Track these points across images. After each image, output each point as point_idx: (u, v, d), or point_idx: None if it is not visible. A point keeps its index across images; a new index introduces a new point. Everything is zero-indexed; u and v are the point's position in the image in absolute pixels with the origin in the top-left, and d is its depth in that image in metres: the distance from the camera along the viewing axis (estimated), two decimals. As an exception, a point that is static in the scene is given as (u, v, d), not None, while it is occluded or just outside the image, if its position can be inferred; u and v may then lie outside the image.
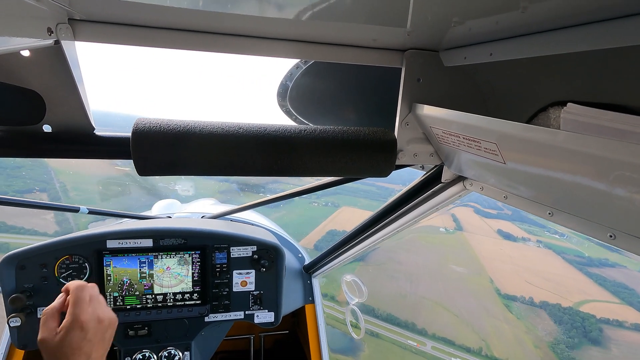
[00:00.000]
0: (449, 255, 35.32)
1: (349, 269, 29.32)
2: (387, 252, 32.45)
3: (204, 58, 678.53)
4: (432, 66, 0.87)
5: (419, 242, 35.01)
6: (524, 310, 28.20)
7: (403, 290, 28.70)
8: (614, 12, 0.46)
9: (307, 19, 0.68)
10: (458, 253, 36.07)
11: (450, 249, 36.22)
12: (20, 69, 0.76)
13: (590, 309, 28.02)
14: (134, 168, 0.80)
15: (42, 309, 1.47)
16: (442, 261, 34.45)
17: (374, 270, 30.28)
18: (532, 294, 29.19)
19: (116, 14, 0.71)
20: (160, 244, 1.59)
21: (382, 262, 31.43)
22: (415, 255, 33.57)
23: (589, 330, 26.20)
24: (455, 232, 38.55)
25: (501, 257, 35.72)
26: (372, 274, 29.91)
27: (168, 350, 1.65)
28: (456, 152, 0.86)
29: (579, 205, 0.66)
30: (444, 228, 37.92)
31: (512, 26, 0.60)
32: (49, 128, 0.85)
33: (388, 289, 28.58)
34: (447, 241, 37.42)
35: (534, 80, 0.74)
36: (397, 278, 29.80)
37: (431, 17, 0.64)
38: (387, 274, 30.24)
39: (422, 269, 31.97)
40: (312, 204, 39.69)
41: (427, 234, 36.50)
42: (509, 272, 33.21)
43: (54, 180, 30.76)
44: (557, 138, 0.53)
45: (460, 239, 37.90)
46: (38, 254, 1.46)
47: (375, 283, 28.82)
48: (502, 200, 0.88)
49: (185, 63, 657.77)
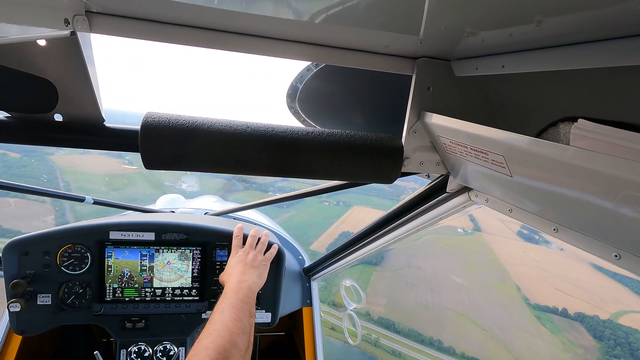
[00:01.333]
0: (470, 260, 31.83)
1: (366, 274, 24.88)
2: (404, 256, 29.44)
3: (215, 56, 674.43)
4: (443, 75, 0.87)
5: (437, 245, 32.07)
6: (558, 323, 24.63)
7: (424, 300, 25.49)
8: (630, 29, 0.46)
9: (320, 22, 0.68)
10: (479, 257, 32.51)
11: (471, 253, 33.18)
12: (35, 58, 0.77)
13: (631, 321, 24.46)
14: (141, 165, 0.81)
15: (42, 295, 1.49)
16: (464, 266, 31.01)
17: (391, 277, 27.63)
18: (564, 304, 25.62)
19: (132, 8, 0.72)
20: (162, 238, 1.59)
21: (400, 267, 28.55)
22: (434, 259, 30.50)
23: (635, 347, 22.20)
24: (474, 234, 35.43)
25: (524, 261, 31.86)
26: (390, 280, 27.33)
27: (164, 344, 1.65)
28: (463, 162, 0.86)
29: (584, 223, 0.66)
30: (461, 229, 34.74)
31: (525, 39, 0.60)
32: (60, 117, 0.86)
33: (408, 299, 25.81)
34: (467, 243, 34.22)
35: (545, 94, 0.74)
36: (416, 286, 26.79)
37: (444, 27, 0.64)
38: (405, 280, 27.41)
39: (443, 275, 28.94)
40: (323, 203, 37.62)
41: (445, 235, 33.45)
42: (535, 278, 29.67)
43: (58, 180, 30.29)
44: (566, 154, 0.53)
45: (480, 241, 34.84)
46: (42, 241, 1.48)
47: (394, 291, 26.48)
48: (506, 213, 0.87)
49: (196, 60, 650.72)
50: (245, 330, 1.01)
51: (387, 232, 1.46)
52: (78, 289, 1.53)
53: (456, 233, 33.85)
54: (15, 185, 1.69)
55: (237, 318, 1.03)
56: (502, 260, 31.32)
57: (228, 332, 0.96)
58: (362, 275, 25.24)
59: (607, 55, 0.50)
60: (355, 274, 23.82)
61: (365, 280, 25.05)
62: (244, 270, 1.29)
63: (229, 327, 0.98)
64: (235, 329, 0.98)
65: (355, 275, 23.75)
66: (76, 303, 1.53)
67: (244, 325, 1.02)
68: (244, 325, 1.02)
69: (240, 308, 1.07)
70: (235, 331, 0.98)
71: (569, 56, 0.56)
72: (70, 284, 1.52)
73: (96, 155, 33.95)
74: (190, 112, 0.88)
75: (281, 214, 30.82)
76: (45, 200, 23.82)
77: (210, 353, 0.88)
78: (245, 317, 1.06)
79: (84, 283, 1.54)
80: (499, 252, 32.51)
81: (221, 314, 1.04)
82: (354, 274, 23.68)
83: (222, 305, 1.08)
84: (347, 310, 2.24)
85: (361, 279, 24.72)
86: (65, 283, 1.52)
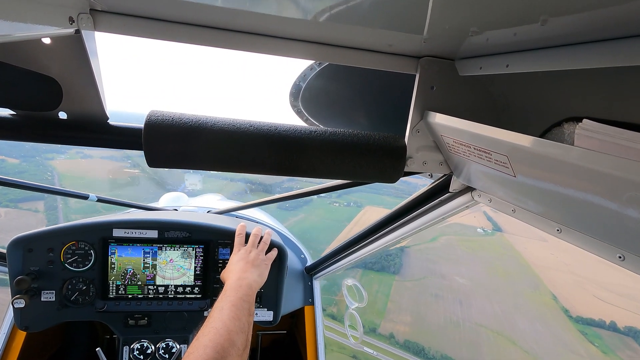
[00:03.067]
0: (497, 265, 27.99)
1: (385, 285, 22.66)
2: (425, 262, 25.90)
3: (218, 54, 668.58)
4: (446, 74, 0.87)
5: (459, 248, 28.88)
6: (608, 339, 20.53)
7: (454, 315, 21.75)
8: (636, 29, 0.46)
9: (324, 20, 0.68)
10: (506, 261, 28.55)
11: (495, 256, 29.51)
12: (40, 56, 0.78)
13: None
14: (144, 168, 0.81)
15: (46, 292, 1.50)
16: (491, 272, 27.19)
17: (413, 288, 23.98)
18: (610, 316, 21.73)
19: (136, 7, 0.72)
20: (165, 235, 1.60)
21: (422, 275, 25.00)
22: (458, 265, 27.06)
23: None
24: (495, 234, 31.55)
25: (556, 265, 27.61)
26: (413, 292, 23.64)
27: (166, 341, 1.66)
28: (466, 162, 0.85)
29: (588, 223, 0.65)
30: (481, 229, 30.95)
31: (530, 39, 0.59)
32: (64, 115, 0.87)
33: (435, 315, 22.09)
34: (489, 245, 30.52)
35: (549, 94, 0.73)
36: (442, 297, 23.10)
37: (449, 26, 0.64)
38: (429, 291, 23.74)
39: (470, 284, 25.25)
40: (333, 204, 34.75)
41: (465, 236, 30.27)
42: (571, 285, 25.60)
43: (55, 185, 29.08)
44: (570, 154, 0.52)
45: (503, 242, 31.03)
46: (46, 238, 1.49)
47: (419, 306, 22.74)
48: (510, 214, 0.87)
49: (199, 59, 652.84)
50: (244, 329, 1.01)
51: (389, 232, 1.46)
52: (81, 285, 1.54)
53: (476, 233, 30.53)
54: (20, 182, 1.70)
55: (236, 316, 1.03)
56: (531, 265, 27.35)
57: (226, 330, 0.96)
58: (382, 287, 22.84)
59: (613, 55, 0.49)
60: (374, 285, 22.18)
61: (385, 292, 22.60)
62: (244, 269, 1.29)
63: (227, 325, 0.98)
64: (234, 328, 0.98)
65: (374, 286, 22.00)
66: (80, 300, 1.54)
67: (242, 323, 1.02)
68: (243, 324, 1.02)
69: (240, 306, 1.07)
70: (234, 330, 0.98)
71: (574, 56, 0.55)
72: (74, 281, 1.53)
73: (98, 159, 32.81)
74: (193, 110, 0.88)
75: (289, 218, 28.92)
76: (38, 210, 22.59)
77: (208, 352, 0.88)
78: (244, 315, 1.05)
79: (87, 280, 1.55)
80: (526, 255, 28.41)
81: (220, 311, 1.04)
82: (373, 285, 22.06)
83: (221, 303, 1.08)
84: (348, 309, 2.25)
85: (381, 291, 22.43)
86: (69, 280, 1.53)
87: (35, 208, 22.90)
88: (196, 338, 0.95)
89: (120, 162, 33.40)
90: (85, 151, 34.13)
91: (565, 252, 27.40)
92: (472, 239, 30.04)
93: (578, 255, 26.03)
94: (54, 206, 23.96)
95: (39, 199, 23.91)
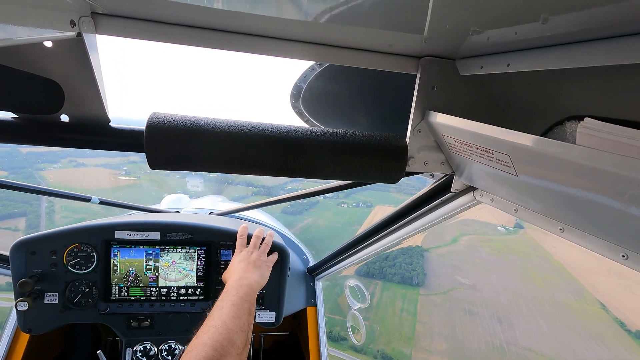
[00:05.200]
0: (529, 269, 24.06)
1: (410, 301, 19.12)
2: (450, 270, 22.46)
3: (219, 56, 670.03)
4: (447, 74, 0.87)
5: (483, 250, 25.12)
6: None
7: (495, 338, 18.00)
8: (637, 27, 0.45)
9: (324, 21, 0.68)
10: (538, 264, 24.65)
11: (525, 258, 25.37)
12: (42, 59, 0.78)
13: None
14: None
15: (49, 294, 1.50)
16: (525, 278, 23.22)
17: (443, 303, 20.38)
18: None
19: (137, 9, 0.72)
20: (167, 237, 1.60)
21: (449, 287, 21.36)
22: (487, 272, 23.29)
23: None
24: (518, 232, 27.69)
25: (596, 267, 23.27)
26: (443, 309, 20.09)
27: (169, 343, 1.66)
28: (468, 161, 0.85)
29: (591, 222, 0.65)
30: (502, 226, 27.37)
31: (531, 37, 0.59)
32: (66, 118, 0.87)
33: (474, 338, 18.15)
34: (515, 245, 26.01)
35: (551, 92, 0.73)
36: (478, 315, 19.15)
37: (449, 25, 0.64)
38: (461, 307, 19.99)
39: (506, 295, 21.39)
40: (341, 205, 31.67)
41: (486, 235, 26.72)
42: (618, 291, 21.64)
43: (42, 199, 24.59)
44: (572, 153, 0.52)
45: (528, 240, 27.08)
46: (48, 241, 1.49)
47: (453, 327, 18.85)
48: (512, 213, 0.87)
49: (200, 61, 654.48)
50: (244, 328, 1.01)
51: (392, 232, 1.45)
52: (84, 288, 1.55)
53: (497, 232, 27.38)
54: (21, 185, 1.71)
55: (236, 315, 1.03)
56: (567, 267, 23.79)
57: (226, 329, 0.96)
58: (407, 304, 19.29)
59: (614, 53, 0.49)
60: (398, 302, 19.02)
61: (411, 311, 18.59)
62: (246, 269, 1.30)
63: (227, 324, 0.98)
64: (234, 327, 0.98)
65: (397, 303, 18.93)
66: (82, 302, 1.55)
67: (242, 323, 1.02)
68: (243, 323, 1.02)
69: (240, 306, 1.07)
70: (234, 329, 0.98)
71: (575, 54, 0.55)
72: (77, 283, 1.54)
73: (92, 167, 30.89)
74: (194, 112, 0.88)
75: (295, 223, 25.94)
76: (18, 229, 20.40)
77: (207, 350, 0.88)
78: (244, 315, 1.05)
79: (90, 282, 1.55)
80: (558, 255, 24.84)
81: (220, 311, 1.04)
82: (396, 301, 18.97)
83: (221, 302, 1.09)
84: (351, 310, 2.24)
85: (406, 309, 18.89)
86: (71, 282, 1.53)
87: (14, 226, 20.73)
88: (196, 336, 0.95)
89: (114, 170, 31.73)
90: (78, 160, 31.86)
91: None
92: (495, 238, 26.98)
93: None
94: (36, 224, 21.93)
95: (22, 214, 22.30)
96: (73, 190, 2.03)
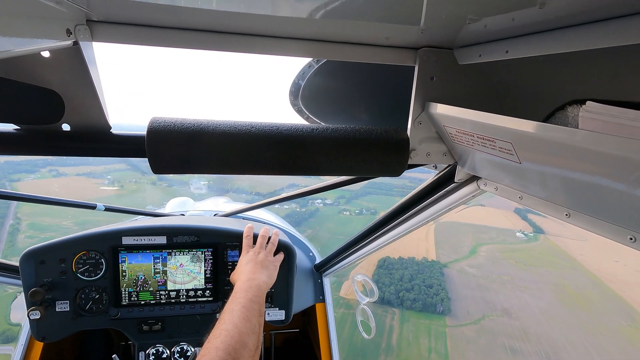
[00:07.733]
0: (565, 286, 20.91)
1: (438, 336, 15.58)
2: (477, 292, 19.26)
3: (215, 58, 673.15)
4: (446, 64, 0.86)
5: (507, 263, 21.94)
6: None
7: None
8: (635, 7, 0.45)
9: (319, 17, 0.68)
10: (572, 278, 21.15)
11: (554, 270, 22.01)
12: (40, 70, 0.78)
13: None
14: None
15: (60, 302, 1.52)
16: (562, 297, 19.80)
17: (476, 337, 16.99)
18: None
19: (132, 15, 0.72)
20: (173, 241, 1.61)
21: (480, 314, 18.34)
22: (519, 293, 20.19)
23: None
24: (538, 238, 24.73)
25: (633, 277, 20.73)
26: (477, 346, 16.58)
27: (180, 345, 1.67)
28: (470, 151, 0.85)
29: (597, 206, 0.65)
30: (520, 232, 24.83)
31: (529, 23, 0.59)
32: (67, 127, 0.87)
33: None
34: (539, 255, 23.10)
35: (551, 78, 0.73)
36: (521, 352, 16.05)
37: (445, 15, 0.63)
38: (500, 342, 16.70)
39: (548, 324, 17.99)
40: (344, 213, 29.31)
41: (506, 243, 23.70)
42: None
43: (8, 217, 23.27)
44: (575, 137, 0.52)
45: (553, 249, 23.93)
46: (57, 249, 1.51)
47: None
48: (516, 201, 0.86)
49: (197, 63, 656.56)
50: (255, 330, 1.02)
51: (396, 225, 1.45)
52: (94, 294, 1.56)
53: (517, 239, 24.59)
54: (25, 195, 1.72)
55: (247, 318, 1.03)
56: (604, 280, 20.29)
57: (237, 332, 0.97)
58: (434, 342, 15.89)
59: (613, 35, 0.49)
60: (423, 339, 16.07)
61: (441, 351, 15.70)
62: (253, 270, 1.30)
63: (238, 327, 0.99)
64: (245, 329, 0.99)
65: (423, 340, 15.82)
66: (93, 308, 1.56)
67: (253, 325, 1.02)
68: (254, 325, 1.03)
69: (250, 308, 1.08)
70: (245, 331, 0.98)
71: (573, 38, 0.54)
72: (87, 290, 1.55)
73: (72, 177, 28.98)
74: (194, 115, 0.89)
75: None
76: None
77: (220, 354, 0.89)
78: (255, 316, 1.06)
79: (99, 288, 1.57)
80: (590, 265, 21.49)
81: (231, 313, 1.05)
82: (421, 337, 15.89)
83: (231, 305, 1.09)
84: (360, 304, 2.25)
85: (435, 349, 15.67)
86: (81, 289, 1.55)
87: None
88: (208, 340, 0.95)
89: (97, 179, 30.20)
90: (59, 169, 30.39)
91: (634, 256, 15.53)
92: (516, 247, 24.14)
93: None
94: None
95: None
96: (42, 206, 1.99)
